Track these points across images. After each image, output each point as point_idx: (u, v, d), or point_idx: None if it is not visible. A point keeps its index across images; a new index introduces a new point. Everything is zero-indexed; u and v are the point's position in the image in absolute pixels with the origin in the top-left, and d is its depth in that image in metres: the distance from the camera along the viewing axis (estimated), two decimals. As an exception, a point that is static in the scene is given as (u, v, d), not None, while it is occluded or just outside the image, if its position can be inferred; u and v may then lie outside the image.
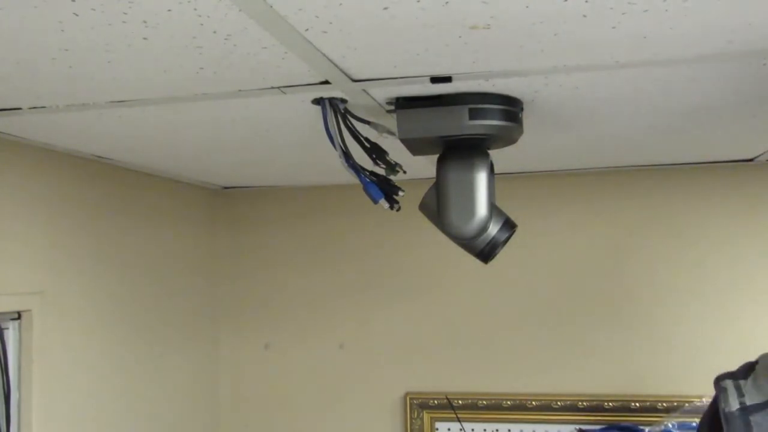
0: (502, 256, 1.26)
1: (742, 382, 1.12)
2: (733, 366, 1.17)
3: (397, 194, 1.18)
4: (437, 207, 1.17)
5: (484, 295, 2.08)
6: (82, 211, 1.60)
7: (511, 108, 1.12)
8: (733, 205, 1.94)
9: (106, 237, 1.68)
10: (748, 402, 1.09)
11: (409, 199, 1.20)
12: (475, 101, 1.09)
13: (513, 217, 1.25)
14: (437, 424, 2.08)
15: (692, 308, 1.94)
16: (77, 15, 0.75)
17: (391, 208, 1.18)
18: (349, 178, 1.15)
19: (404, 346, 2.13)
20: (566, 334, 2.01)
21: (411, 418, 2.09)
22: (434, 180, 1.19)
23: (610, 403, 1.96)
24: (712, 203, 1.95)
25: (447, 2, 0.74)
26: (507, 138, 1.16)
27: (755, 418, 1.07)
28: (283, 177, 2.02)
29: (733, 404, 1.11)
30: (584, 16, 0.78)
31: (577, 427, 1.94)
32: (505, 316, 2.06)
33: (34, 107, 1.13)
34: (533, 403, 2.01)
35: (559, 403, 1.99)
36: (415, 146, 1.20)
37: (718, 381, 1.16)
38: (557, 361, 2.02)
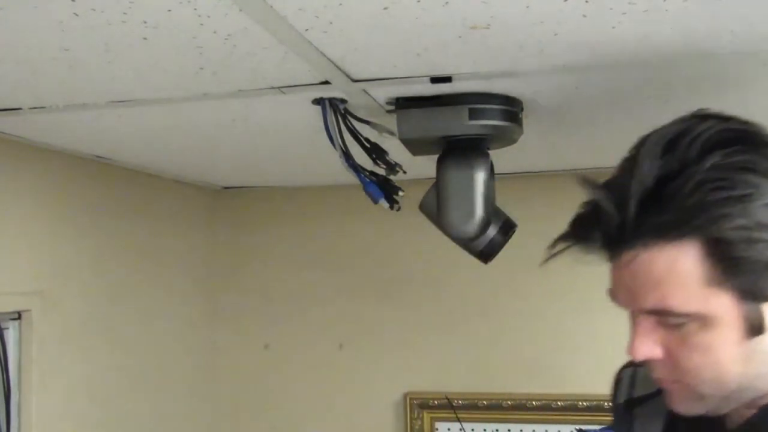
0: (502, 256, 1.26)
1: (640, 370, 1.02)
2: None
3: (397, 194, 1.18)
4: (437, 207, 1.17)
5: (484, 295, 2.08)
6: (82, 211, 1.59)
7: (511, 108, 1.12)
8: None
9: (106, 237, 1.68)
10: (635, 394, 1.02)
11: (409, 199, 1.20)
12: (475, 101, 1.09)
13: (513, 217, 1.25)
14: (437, 424, 2.08)
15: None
16: (77, 15, 0.75)
17: (391, 208, 1.18)
18: (349, 178, 1.15)
19: (404, 346, 2.12)
20: (566, 333, 2.01)
21: (411, 418, 2.09)
22: (434, 180, 1.19)
23: (610, 403, 1.95)
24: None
25: (447, 2, 0.74)
26: (507, 138, 1.16)
27: (638, 410, 1.00)
28: (283, 177, 2.02)
29: (621, 397, 1.05)
30: (584, 16, 0.78)
31: (577, 427, 1.94)
32: (505, 316, 2.06)
33: (34, 107, 1.13)
34: (533, 403, 2.01)
35: (559, 403, 1.99)
36: (415, 146, 1.20)
37: (619, 371, 1.08)
38: (557, 361, 2.02)
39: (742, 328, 0.74)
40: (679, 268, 0.73)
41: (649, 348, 0.80)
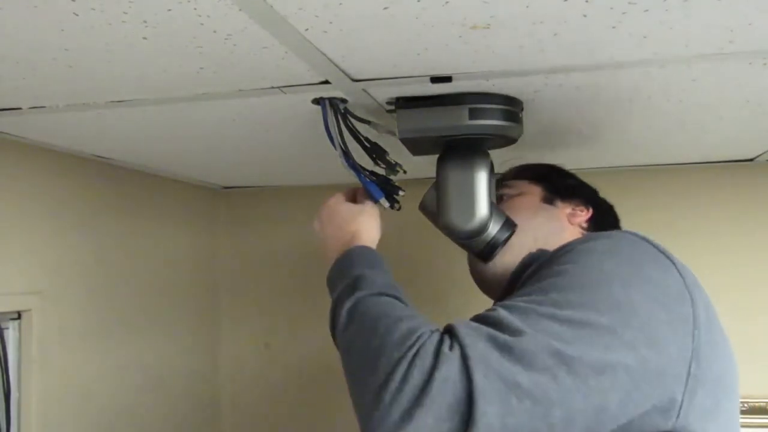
0: (502, 256, 1.25)
1: None
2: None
3: (397, 194, 1.18)
4: (437, 207, 1.17)
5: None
6: (82, 211, 1.60)
7: (511, 108, 1.12)
8: (733, 205, 1.94)
9: (106, 237, 1.68)
10: None
11: (409, 199, 1.20)
12: (475, 101, 1.09)
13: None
14: (437, 424, 2.07)
15: (692, 308, 1.93)
16: (77, 15, 0.75)
17: (392, 207, 1.18)
18: (349, 178, 1.15)
19: (404, 346, 2.12)
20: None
21: (411, 418, 2.08)
22: (434, 180, 1.19)
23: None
24: (712, 203, 1.95)
25: (447, 2, 0.74)
26: (507, 138, 1.16)
27: None
28: (283, 177, 2.02)
29: None
30: (584, 15, 0.78)
31: (577, 427, 1.94)
32: (505, 316, 2.06)
33: (34, 107, 1.13)
34: (533, 403, 2.00)
35: (559, 403, 1.99)
36: (415, 146, 1.20)
37: None
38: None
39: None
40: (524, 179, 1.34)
41: None
